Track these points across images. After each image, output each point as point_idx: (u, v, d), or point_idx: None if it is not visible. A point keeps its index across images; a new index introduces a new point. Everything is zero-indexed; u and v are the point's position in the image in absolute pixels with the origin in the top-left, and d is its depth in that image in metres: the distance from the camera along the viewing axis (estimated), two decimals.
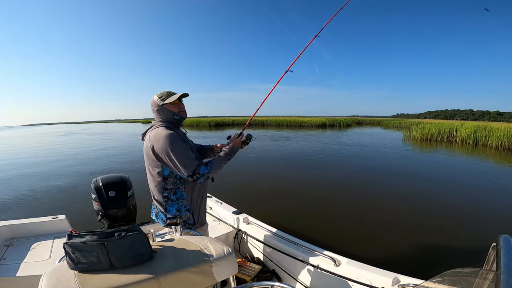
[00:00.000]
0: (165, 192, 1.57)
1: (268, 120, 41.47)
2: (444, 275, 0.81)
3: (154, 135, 1.51)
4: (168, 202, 1.57)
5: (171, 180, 1.56)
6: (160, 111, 1.59)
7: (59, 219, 2.30)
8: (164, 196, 1.57)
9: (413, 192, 5.94)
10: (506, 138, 13.81)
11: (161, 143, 1.47)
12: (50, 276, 0.92)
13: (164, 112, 1.60)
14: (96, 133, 30.49)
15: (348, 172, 8.04)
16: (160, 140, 1.47)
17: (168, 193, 1.57)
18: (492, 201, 5.31)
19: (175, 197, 1.57)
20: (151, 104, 1.62)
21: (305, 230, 3.79)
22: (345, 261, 1.70)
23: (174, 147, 1.48)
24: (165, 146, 1.46)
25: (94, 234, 0.98)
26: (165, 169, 1.54)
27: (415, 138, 18.66)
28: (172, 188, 1.57)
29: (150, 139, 1.52)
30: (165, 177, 1.55)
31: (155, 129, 1.55)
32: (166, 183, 1.56)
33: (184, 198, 1.59)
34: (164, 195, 1.57)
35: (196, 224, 1.63)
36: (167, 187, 1.57)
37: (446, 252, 3.30)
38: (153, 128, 1.57)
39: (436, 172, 7.96)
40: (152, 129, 1.57)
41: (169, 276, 0.99)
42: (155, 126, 1.58)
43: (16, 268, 1.71)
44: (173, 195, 1.57)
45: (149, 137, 1.53)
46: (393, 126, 39.53)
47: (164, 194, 1.57)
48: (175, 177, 1.56)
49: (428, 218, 4.40)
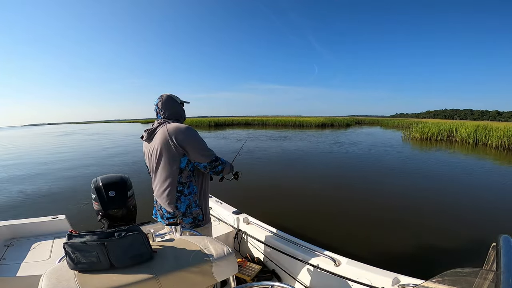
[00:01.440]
0: (180, 186, 1.60)
1: (268, 120, 41.47)
2: (444, 275, 0.81)
3: (173, 128, 1.55)
4: (181, 197, 1.60)
5: (186, 174, 1.60)
6: (179, 107, 1.72)
7: (59, 219, 2.30)
8: (179, 191, 1.60)
9: (413, 192, 5.94)
10: (506, 138, 13.81)
11: (185, 133, 1.54)
12: (50, 276, 0.92)
13: (181, 110, 1.74)
14: (94, 133, 30.49)
15: (348, 172, 8.04)
16: (183, 131, 1.54)
17: (183, 187, 1.60)
18: (492, 201, 5.31)
19: (188, 191, 1.61)
20: (166, 100, 1.67)
21: (305, 230, 3.80)
22: (345, 261, 1.70)
23: (197, 136, 1.59)
24: (189, 135, 1.55)
25: (94, 234, 0.98)
26: (182, 161, 1.57)
27: (415, 137, 18.67)
28: (186, 182, 1.61)
29: (169, 132, 1.54)
30: (181, 170, 1.59)
31: (171, 124, 1.59)
32: (181, 176, 1.60)
33: (195, 192, 1.64)
34: (178, 189, 1.60)
35: (204, 220, 1.68)
36: (182, 181, 1.60)
37: (446, 252, 3.30)
38: (167, 124, 1.60)
39: (436, 172, 7.97)
40: (166, 124, 1.59)
41: (169, 276, 0.99)
42: (168, 122, 1.61)
43: (16, 268, 1.70)
44: (187, 189, 1.61)
45: (166, 131, 1.55)
46: (393, 125, 39.55)
47: (178, 188, 1.60)
48: (189, 170, 1.60)
49: (428, 218, 4.41)
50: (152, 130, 1.63)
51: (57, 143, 19.89)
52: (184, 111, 1.77)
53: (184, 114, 1.76)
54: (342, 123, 39.50)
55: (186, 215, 1.61)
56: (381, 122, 48.73)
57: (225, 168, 1.68)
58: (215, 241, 1.24)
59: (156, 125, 1.63)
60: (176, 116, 1.69)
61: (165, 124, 1.60)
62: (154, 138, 1.62)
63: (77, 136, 26.84)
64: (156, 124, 1.64)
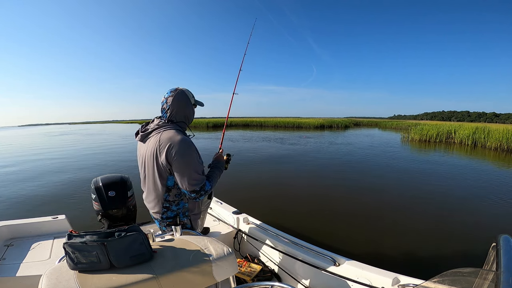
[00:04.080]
0: (166, 203, 1.47)
1: (266, 122, 41.53)
2: (444, 275, 0.81)
3: (167, 139, 1.35)
4: (167, 212, 1.49)
5: (174, 192, 1.46)
6: (190, 108, 1.53)
7: (59, 219, 2.30)
8: (165, 207, 1.48)
9: (413, 192, 5.94)
10: (505, 140, 13.82)
11: (177, 150, 1.32)
12: (50, 276, 0.92)
13: (191, 112, 1.55)
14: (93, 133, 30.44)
15: (348, 173, 8.04)
16: (176, 146, 1.33)
17: (170, 205, 1.48)
18: (492, 201, 5.32)
19: (177, 208, 1.50)
20: (180, 97, 1.47)
21: (305, 230, 3.79)
22: (345, 261, 1.70)
23: (190, 157, 1.36)
24: (180, 154, 1.33)
25: (94, 234, 0.98)
26: (170, 179, 1.41)
27: (413, 139, 18.68)
28: (174, 200, 1.48)
29: (161, 143, 1.35)
30: (168, 188, 1.44)
31: (167, 132, 1.39)
32: (169, 195, 1.46)
33: (185, 207, 1.52)
34: (165, 205, 1.47)
35: (192, 228, 1.58)
36: (169, 199, 1.47)
37: (446, 252, 3.30)
38: (164, 130, 1.40)
39: (436, 173, 7.98)
40: (162, 131, 1.40)
41: (169, 276, 0.99)
42: (165, 128, 1.41)
43: (16, 268, 1.70)
44: (175, 206, 1.49)
45: (160, 140, 1.36)
46: (391, 127, 39.64)
47: (165, 205, 1.47)
48: (178, 189, 1.45)
49: (428, 218, 4.41)
50: (147, 133, 1.46)
51: (56, 143, 19.85)
52: (193, 113, 1.58)
53: (192, 117, 1.57)
54: (340, 124, 39.53)
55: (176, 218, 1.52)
56: (379, 124, 48.75)
57: (213, 187, 1.49)
58: (215, 241, 1.24)
59: (152, 127, 1.46)
60: (183, 119, 1.51)
61: (160, 132, 1.40)
62: (147, 142, 1.44)
63: (75, 137, 26.80)
64: (152, 126, 1.46)
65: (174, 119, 1.48)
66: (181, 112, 1.49)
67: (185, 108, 1.50)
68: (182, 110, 1.49)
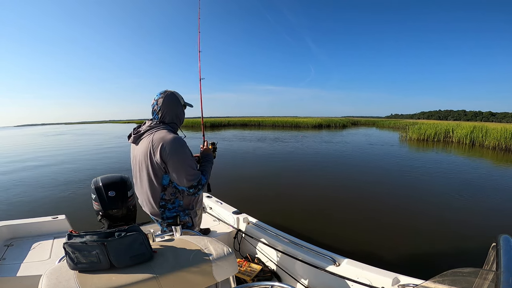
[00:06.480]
0: (162, 202, 1.49)
1: (264, 121, 41.51)
2: (444, 275, 0.81)
3: (160, 138, 1.38)
4: (165, 211, 1.50)
5: (170, 191, 1.48)
6: (180, 109, 1.57)
7: (59, 219, 2.29)
8: (161, 206, 1.49)
9: (413, 192, 5.96)
10: (503, 139, 13.86)
11: (170, 148, 1.36)
12: (50, 276, 0.92)
13: (181, 113, 1.59)
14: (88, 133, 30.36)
15: (348, 172, 8.05)
16: (169, 145, 1.37)
17: (166, 203, 1.49)
18: (492, 201, 5.34)
19: (172, 206, 1.51)
20: (169, 99, 1.51)
21: (305, 230, 3.80)
22: (345, 261, 1.70)
23: (184, 154, 1.40)
24: (174, 152, 1.37)
25: (94, 234, 0.98)
26: (165, 178, 1.44)
27: (411, 138, 18.71)
28: (170, 199, 1.49)
29: (153, 144, 1.38)
30: (164, 187, 1.46)
31: (159, 132, 1.42)
32: (165, 193, 1.48)
33: (181, 205, 1.53)
34: (161, 204, 1.49)
35: (193, 226, 1.60)
36: (165, 198, 1.48)
37: (446, 252, 3.31)
38: (155, 131, 1.44)
39: (435, 172, 7.99)
40: (154, 132, 1.44)
41: (169, 276, 0.99)
42: (157, 129, 1.45)
43: (16, 268, 1.70)
44: (171, 204, 1.50)
45: (152, 140, 1.40)
46: (388, 126, 39.70)
47: (161, 203, 1.49)
48: (174, 187, 1.47)
49: (428, 218, 4.42)
50: (140, 135, 1.48)
51: (55, 143, 19.80)
52: (184, 114, 1.63)
53: (183, 118, 1.62)
54: (338, 124, 39.58)
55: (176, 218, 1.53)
56: (377, 123, 48.83)
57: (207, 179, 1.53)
58: (215, 241, 1.24)
59: (144, 129, 1.49)
60: (174, 120, 1.55)
61: (153, 132, 1.43)
62: (140, 143, 1.47)
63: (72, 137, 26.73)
64: (144, 127, 1.49)
65: (165, 120, 1.52)
66: (172, 113, 1.53)
67: (176, 108, 1.55)
68: (172, 111, 1.53)
